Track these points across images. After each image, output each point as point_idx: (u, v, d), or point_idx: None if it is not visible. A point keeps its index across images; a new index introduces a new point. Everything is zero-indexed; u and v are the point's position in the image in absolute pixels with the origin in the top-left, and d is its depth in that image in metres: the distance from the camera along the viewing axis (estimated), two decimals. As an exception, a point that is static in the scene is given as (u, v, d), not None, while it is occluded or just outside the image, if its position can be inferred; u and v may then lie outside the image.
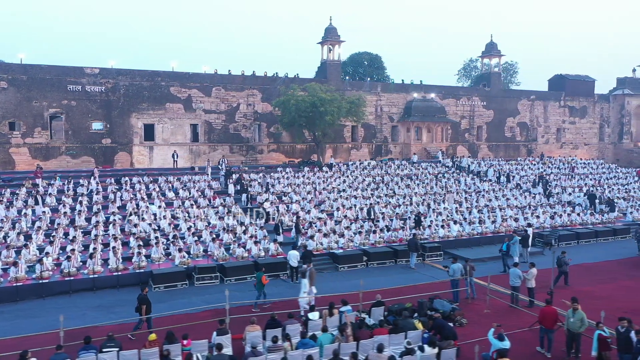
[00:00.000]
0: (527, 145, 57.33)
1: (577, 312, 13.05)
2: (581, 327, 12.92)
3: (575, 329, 12.96)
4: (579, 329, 12.94)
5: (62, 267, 19.11)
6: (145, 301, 14.71)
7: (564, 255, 20.11)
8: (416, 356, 11.82)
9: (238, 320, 14.28)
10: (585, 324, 12.97)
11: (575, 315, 13.03)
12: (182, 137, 43.01)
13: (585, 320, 12.97)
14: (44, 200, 26.98)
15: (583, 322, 12.90)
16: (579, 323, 12.89)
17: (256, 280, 17.57)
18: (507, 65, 71.13)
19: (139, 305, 14.69)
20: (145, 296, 14.83)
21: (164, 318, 15.39)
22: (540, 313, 13.94)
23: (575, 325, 12.94)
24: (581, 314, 13.01)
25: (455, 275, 17.63)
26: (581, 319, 12.92)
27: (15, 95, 37.84)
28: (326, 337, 12.65)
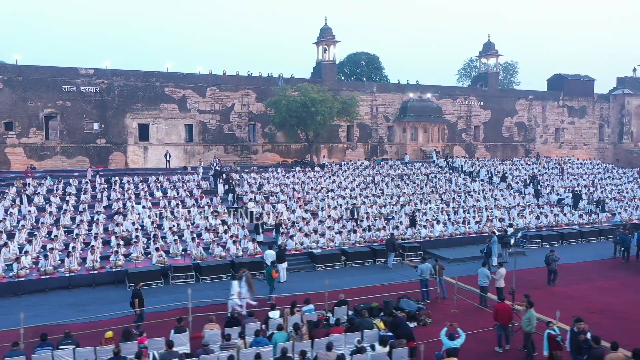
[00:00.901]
0: (525, 146, 57.06)
1: (527, 312, 13.09)
2: (528, 327, 12.94)
3: (524, 328, 13.01)
4: (526, 328, 12.98)
5: (40, 266, 19.43)
6: (139, 296, 15.36)
7: (553, 254, 20.15)
8: (367, 355, 11.93)
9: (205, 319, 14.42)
10: (533, 324, 12.98)
11: (525, 315, 13.08)
12: (177, 137, 43.33)
13: (533, 320, 12.99)
14: (32, 199, 27.33)
15: (530, 321, 12.91)
16: (526, 322, 12.93)
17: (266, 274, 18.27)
18: (507, 65, 70.92)
19: (132, 299, 15.33)
20: (138, 291, 15.51)
21: (132, 316, 15.60)
22: (495, 310, 14.09)
23: (523, 324, 12.99)
24: (529, 314, 13.04)
25: (423, 275, 17.71)
26: (528, 318, 12.95)
27: (10, 96, 38.33)
28: (281, 336, 12.79)
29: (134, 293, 15.47)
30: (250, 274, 17.14)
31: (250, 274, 17.06)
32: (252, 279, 17.02)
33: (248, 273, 16.96)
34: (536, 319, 13.14)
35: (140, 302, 15.29)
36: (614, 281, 20.56)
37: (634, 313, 16.61)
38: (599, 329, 15.12)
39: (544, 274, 21.70)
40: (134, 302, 15.22)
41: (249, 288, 16.65)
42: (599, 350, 10.77)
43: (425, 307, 16.67)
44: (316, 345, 12.61)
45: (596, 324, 15.63)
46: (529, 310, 13.08)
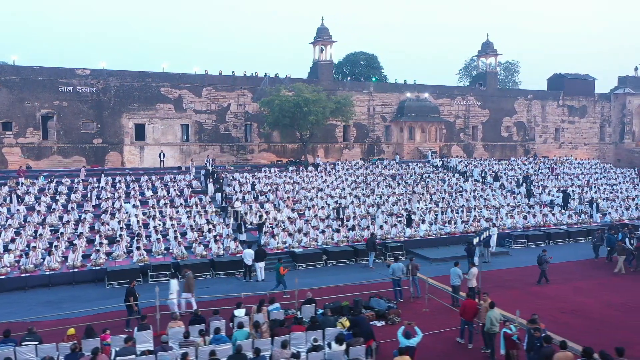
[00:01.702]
0: (524, 145, 56.79)
1: (489, 311, 13.11)
2: (490, 326, 12.95)
3: (485, 327, 13.05)
4: (488, 327, 13.00)
5: (21, 264, 19.73)
6: (132, 293, 15.69)
7: (545, 254, 20.15)
8: (322, 353, 12.04)
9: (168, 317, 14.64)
10: (495, 324, 12.98)
11: (487, 314, 13.12)
12: (173, 137, 43.67)
13: (495, 320, 12.99)
14: (22, 199, 27.70)
15: (492, 321, 12.93)
16: (488, 321, 12.95)
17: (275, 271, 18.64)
18: (508, 65, 70.55)
19: (127, 297, 15.65)
20: (132, 289, 15.83)
21: (104, 314, 15.82)
22: (462, 306, 14.27)
23: (487, 322, 13.01)
24: (490, 313, 13.05)
25: (395, 274, 17.78)
26: (490, 318, 12.96)
27: (7, 96, 38.85)
28: (241, 334, 12.92)
29: (128, 290, 15.80)
30: (192, 275, 17.12)
31: (192, 275, 17.04)
32: (193, 280, 16.96)
33: (190, 273, 16.99)
34: (499, 319, 13.13)
35: (135, 300, 15.64)
36: (593, 281, 20.48)
37: (605, 313, 16.56)
38: (568, 328, 15.20)
39: (524, 273, 21.75)
40: (129, 300, 15.55)
41: (188, 289, 16.62)
42: (548, 349, 10.81)
43: (396, 307, 16.74)
44: (276, 342, 12.73)
45: (565, 323, 15.70)
46: (491, 310, 13.08)
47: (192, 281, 16.82)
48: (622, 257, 21.29)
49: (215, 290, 18.87)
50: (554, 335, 14.38)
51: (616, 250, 21.49)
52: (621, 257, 21.27)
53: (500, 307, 16.73)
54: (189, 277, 16.73)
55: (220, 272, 21.16)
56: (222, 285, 19.87)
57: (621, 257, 21.27)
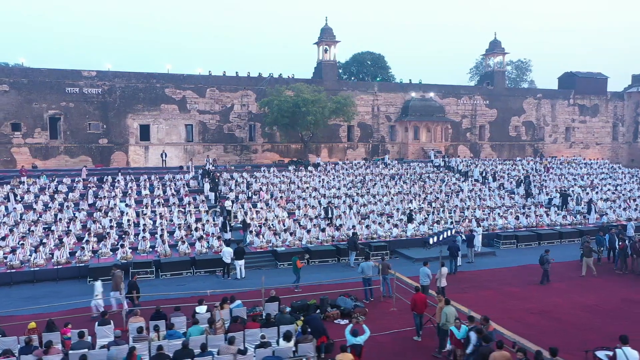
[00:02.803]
0: (533, 145, 56.07)
1: (445, 307, 13.24)
2: (444, 322, 13.08)
3: (441, 323, 13.21)
4: (441, 323, 13.16)
5: (8, 260, 20.41)
6: (135, 287, 16.67)
7: (547, 254, 20.01)
8: (270, 349, 12.25)
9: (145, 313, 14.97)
10: (450, 320, 13.03)
11: (442, 310, 13.26)
12: (177, 137, 44.39)
13: (450, 317, 13.05)
14: (22, 197, 28.55)
15: (447, 317, 13.05)
16: (443, 317, 13.15)
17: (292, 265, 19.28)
18: (520, 63, 69.63)
19: (129, 290, 16.60)
20: (134, 282, 16.86)
21: (78, 309, 16.29)
22: (412, 300, 14.52)
23: (442, 318, 13.20)
24: (446, 310, 13.16)
25: (364, 273, 17.88)
26: (445, 314, 13.12)
27: (16, 98, 40.01)
28: (195, 330, 13.24)
29: (130, 284, 16.79)
30: (120, 273, 17.28)
31: (120, 274, 17.21)
32: (121, 279, 17.16)
33: (118, 272, 17.20)
34: (454, 315, 13.20)
35: (137, 292, 16.63)
36: (572, 282, 20.25)
37: (574, 314, 16.42)
38: (531, 329, 15.16)
39: (505, 274, 21.66)
40: (132, 293, 16.49)
41: (116, 287, 16.86)
42: (486, 349, 10.84)
43: (363, 306, 16.86)
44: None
45: (530, 324, 15.65)
46: (446, 307, 13.22)
47: (120, 280, 17.09)
48: (589, 259, 20.97)
49: (191, 288, 19.22)
50: (515, 336, 14.43)
51: (583, 252, 21.15)
52: (588, 259, 20.95)
53: (471, 307, 16.87)
54: (116, 276, 17.03)
55: (201, 269, 21.55)
56: (200, 282, 20.24)
57: (588, 259, 20.95)
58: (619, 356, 9.99)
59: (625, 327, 15.28)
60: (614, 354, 10.14)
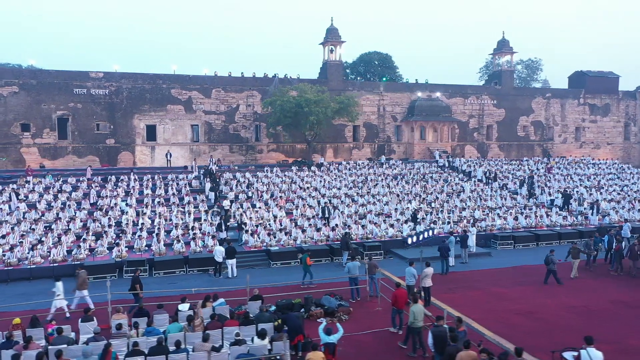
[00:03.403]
0: (542, 145, 55.50)
1: (413, 305, 13.31)
2: (413, 321, 13.13)
3: (410, 321, 13.26)
4: (411, 321, 13.20)
5: (6, 258, 20.90)
6: (138, 281, 17.02)
7: (552, 254, 19.88)
8: (245, 347, 12.43)
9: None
10: (418, 318, 13.11)
11: (410, 308, 13.33)
12: (183, 137, 44.88)
13: (418, 315, 13.12)
14: (26, 196, 29.15)
15: (415, 316, 13.08)
16: (411, 316, 13.16)
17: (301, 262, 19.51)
18: (530, 62, 68.92)
19: (132, 285, 16.87)
20: (137, 277, 17.21)
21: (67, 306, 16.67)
22: (393, 295, 14.73)
23: (410, 317, 13.25)
24: (414, 308, 13.21)
25: (351, 272, 17.96)
26: (413, 312, 13.15)
27: (25, 99, 40.83)
28: (174, 327, 13.47)
29: (134, 279, 17.13)
30: (84, 274, 17.37)
31: (84, 274, 17.30)
32: (85, 278, 17.27)
33: (82, 272, 17.32)
34: (422, 314, 13.26)
35: (140, 287, 16.96)
36: (564, 283, 20.10)
37: (560, 315, 16.31)
38: (513, 330, 15.12)
39: (497, 275, 21.56)
40: (135, 287, 16.81)
41: (81, 287, 17.01)
42: (453, 348, 10.88)
43: (347, 305, 16.95)
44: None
45: (514, 325, 15.60)
46: (415, 305, 13.26)
47: (83, 279, 17.19)
48: (576, 261, 20.74)
49: (182, 286, 19.47)
50: (496, 337, 14.42)
51: (571, 254, 20.93)
52: (575, 260, 20.72)
53: (457, 308, 16.91)
54: (80, 276, 17.16)
55: (194, 268, 21.83)
56: (192, 281, 20.51)
57: (575, 261, 20.73)
58: (583, 357, 9.97)
59: (608, 328, 15.23)
60: (578, 355, 10.11)
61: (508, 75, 54.51)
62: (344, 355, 13.40)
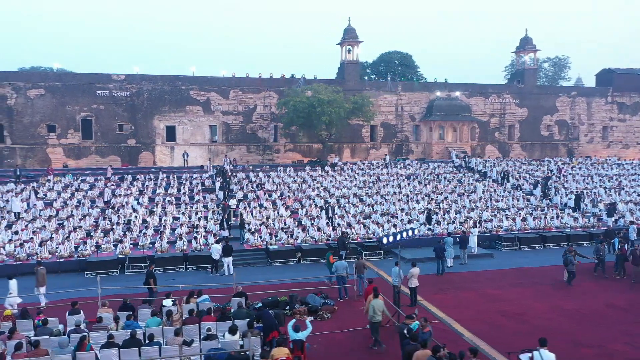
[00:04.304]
0: (567, 145, 54.15)
1: (372, 300, 13.71)
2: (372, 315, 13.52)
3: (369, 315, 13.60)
4: (370, 316, 13.55)
5: (15, 253, 21.90)
6: (152, 276, 17.71)
7: (571, 254, 19.59)
8: (216, 341, 12.77)
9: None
10: (376, 312, 13.49)
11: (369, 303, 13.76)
12: (202, 137, 45.77)
13: (376, 309, 13.51)
14: (45, 194, 30.38)
15: (373, 310, 13.48)
16: (370, 310, 13.51)
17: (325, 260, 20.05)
18: (557, 60, 67.26)
19: (146, 279, 17.59)
20: (151, 272, 17.91)
21: (62, 300, 17.35)
22: (365, 291, 15.32)
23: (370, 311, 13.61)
24: (373, 303, 13.58)
25: (338, 272, 18.10)
26: (372, 307, 13.54)
27: (51, 101, 42.44)
28: (153, 321, 13.93)
29: (148, 273, 17.81)
30: (43, 271, 17.83)
31: (42, 271, 17.75)
32: (43, 276, 17.69)
33: (41, 269, 17.75)
34: (381, 309, 13.60)
35: (154, 281, 17.67)
36: (561, 286, 19.73)
37: (547, 318, 16.05)
38: (495, 331, 15.02)
39: (493, 276, 21.31)
40: (149, 282, 17.48)
41: (39, 284, 17.44)
42: (411, 347, 10.95)
43: (333, 304, 17.11)
44: (185, 330, 13.62)
45: (497, 326, 15.55)
46: (374, 300, 13.61)
47: (42, 277, 17.63)
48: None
49: (179, 282, 19.89)
50: (474, 338, 14.40)
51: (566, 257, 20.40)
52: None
53: (444, 308, 16.97)
54: (39, 273, 17.61)
55: (193, 265, 22.36)
56: (189, 277, 20.98)
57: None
58: (535, 358, 9.90)
59: (595, 332, 14.97)
60: (532, 356, 10.04)
61: (531, 74, 53.40)
62: (316, 353, 13.59)
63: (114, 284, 20.03)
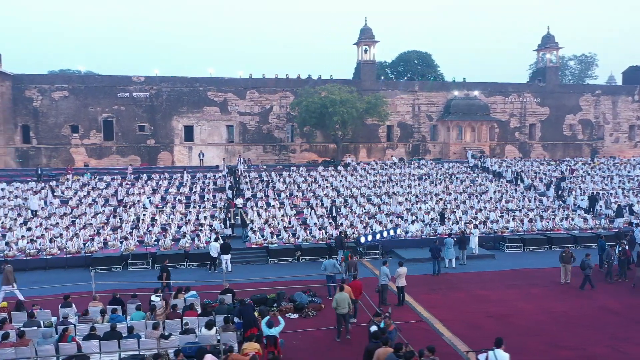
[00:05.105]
0: (591, 145, 52.87)
1: (338, 293, 14.30)
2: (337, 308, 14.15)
3: (333, 306, 14.27)
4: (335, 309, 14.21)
5: (27, 249, 22.90)
6: (166, 270, 18.77)
7: (588, 259, 19.37)
8: (192, 335, 13.18)
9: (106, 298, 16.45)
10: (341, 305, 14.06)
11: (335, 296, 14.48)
12: (219, 137, 46.61)
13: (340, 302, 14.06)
14: (63, 193, 31.54)
15: (337, 303, 14.09)
16: (334, 303, 14.20)
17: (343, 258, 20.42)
18: (584, 57, 65.63)
19: (160, 273, 18.59)
20: (165, 266, 18.99)
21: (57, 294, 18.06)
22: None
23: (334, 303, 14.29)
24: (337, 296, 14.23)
25: (327, 270, 18.30)
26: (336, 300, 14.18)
27: (74, 102, 43.96)
28: (137, 315, 14.46)
29: (162, 268, 18.82)
30: (10, 268, 18.04)
31: (10, 269, 17.97)
32: (11, 273, 17.96)
33: (8, 267, 18.08)
34: (346, 301, 14.12)
35: (168, 276, 18.55)
36: (553, 287, 19.45)
37: (533, 320, 15.87)
38: (475, 332, 14.98)
39: (489, 277, 21.13)
40: (162, 276, 18.39)
41: (6, 282, 17.77)
42: (372, 345, 11.10)
43: (320, 302, 17.34)
44: (167, 325, 14.11)
45: (478, 327, 15.46)
46: (338, 293, 14.22)
47: (10, 274, 17.99)
48: (568, 266, 19.83)
49: (177, 278, 20.42)
50: (453, 338, 14.44)
51: (563, 258, 20.01)
52: (567, 265, 19.82)
53: (431, 309, 17.06)
54: (6, 271, 18.01)
55: (193, 262, 22.94)
56: (188, 274, 21.55)
57: (567, 266, 19.83)
58: (490, 358, 9.94)
59: (578, 334, 14.81)
60: (486, 356, 10.08)
61: (553, 72, 52.32)
62: (292, 349, 13.86)
63: (118, 279, 20.78)
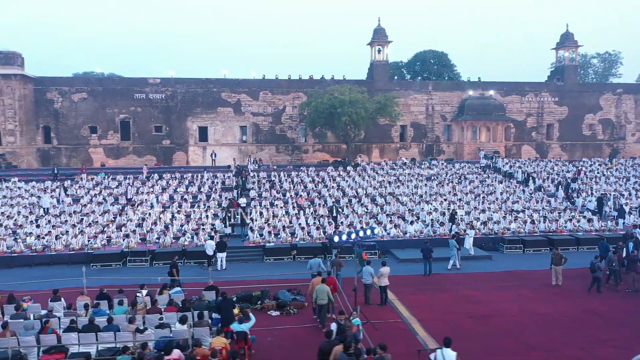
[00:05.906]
0: (611, 145, 51.65)
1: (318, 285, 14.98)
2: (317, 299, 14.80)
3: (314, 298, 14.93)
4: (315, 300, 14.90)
5: (32, 245, 23.83)
6: (175, 266, 19.24)
7: (598, 261, 19.24)
8: (166, 330, 13.62)
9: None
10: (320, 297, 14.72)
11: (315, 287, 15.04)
12: (232, 138, 47.34)
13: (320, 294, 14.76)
14: (75, 191, 32.62)
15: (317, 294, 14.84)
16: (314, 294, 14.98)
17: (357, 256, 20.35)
18: (607, 55, 64.07)
19: (170, 269, 19.10)
20: (175, 263, 19.40)
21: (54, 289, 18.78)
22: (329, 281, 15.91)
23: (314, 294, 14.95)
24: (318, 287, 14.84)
25: (312, 269, 18.48)
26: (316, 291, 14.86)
27: (93, 104, 45.30)
28: (119, 309, 15.02)
29: (172, 264, 19.26)
30: None
31: None
32: None
33: None
34: (325, 292, 14.71)
35: (177, 272, 19.10)
36: (542, 289, 19.23)
37: (514, 321, 15.72)
38: (451, 332, 14.90)
39: (480, 278, 21.01)
40: (172, 272, 18.90)
41: None
42: (324, 344, 11.28)
43: (303, 300, 17.58)
44: (147, 320, 14.60)
45: (456, 327, 15.41)
46: (319, 285, 14.82)
47: None
48: (558, 267, 19.52)
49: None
50: (427, 338, 14.53)
51: (552, 260, 19.70)
52: (558, 266, 19.52)
53: (413, 308, 17.14)
54: None
55: (191, 260, 23.48)
56: (184, 271, 21.95)
57: (557, 267, 19.52)
58: (437, 356, 10.06)
59: (554, 336, 14.71)
60: (435, 356, 10.19)
61: (571, 70, 51.31)
62: (264, 345, 14.16)
63: (118, 274, 21.46)
